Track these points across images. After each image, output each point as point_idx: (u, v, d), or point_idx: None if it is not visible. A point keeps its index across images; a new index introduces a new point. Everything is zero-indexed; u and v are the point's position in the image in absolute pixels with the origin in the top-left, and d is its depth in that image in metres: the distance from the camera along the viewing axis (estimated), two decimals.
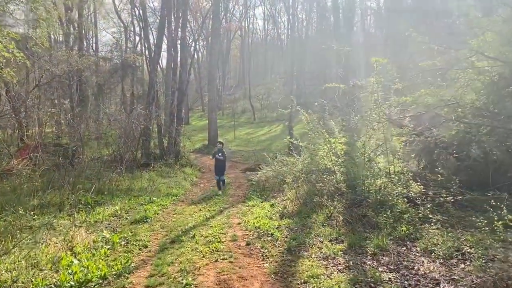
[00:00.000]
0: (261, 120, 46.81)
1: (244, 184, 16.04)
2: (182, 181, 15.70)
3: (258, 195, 12.74)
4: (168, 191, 13.26)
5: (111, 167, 14.61)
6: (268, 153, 25.80)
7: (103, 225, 8.83)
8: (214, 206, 11.28)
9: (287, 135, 35.36)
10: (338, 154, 9.16)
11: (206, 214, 9.95)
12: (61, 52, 20.59)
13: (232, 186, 15.57)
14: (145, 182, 14.18)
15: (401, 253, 5.88)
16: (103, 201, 10.94)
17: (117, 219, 9.37)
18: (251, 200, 11.80)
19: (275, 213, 9.60)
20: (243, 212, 10.09)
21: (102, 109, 19.83)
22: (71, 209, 9.75)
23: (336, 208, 8.05)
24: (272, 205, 10.62)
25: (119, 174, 13.80)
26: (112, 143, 17.82)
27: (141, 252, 6.93)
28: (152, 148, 20.16)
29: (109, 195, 11.68)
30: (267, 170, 13.80)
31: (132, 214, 9.80)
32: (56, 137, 20.58)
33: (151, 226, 8.76)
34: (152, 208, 10.40)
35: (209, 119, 29.64)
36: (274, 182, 13.25)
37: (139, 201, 11.26)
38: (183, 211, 10.53)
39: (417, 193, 7.49)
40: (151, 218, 9.39)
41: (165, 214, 10.10)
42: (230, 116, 48.77)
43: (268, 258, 6.22)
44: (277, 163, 13.72)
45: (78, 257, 6.46)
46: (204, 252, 6.59)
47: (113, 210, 9.92)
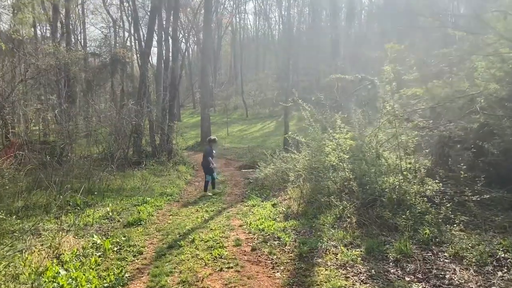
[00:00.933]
0: (253, 116, 46.26)
1: (241, 182, 15.41)
2: (176, 180, 15.01)
3: (257, 194, 12.11)
4: (162, 191, 12.57)
5: (101, 166, 13.87)
6: (263, 149, 25.32)
7: (94, 228, 8.13)
8: (212, 206, 10.62)
9: (281, 132, 34.92)
10: (345, 150, 8.53)
11: (204, 215, 9.29)
12: (47, 45, 19.70)
13: (229, 185, 14.92)
14: (138, 181, 13.48)
15: (427, 259, 5.28)
16: (93, 202, 10.22)
17: (109, 222, 8.67)
18: (250, 199, 11.17)
19: (278, 213, 8.99)
20: (243, 213, 9.45)
21: (91, 106, 18.99)
22: (59, 211, 9.03)
23: (347, 208, 7.45)
24: (274, 204, 10.01)
25: (110, 173, 13.07)
26: (102, 141, 17.05)
27: (136, 260, 6.25)
28: (144, 146, 19.42)
29: (100, 196, 10.98)
30: (266, 167, 13.14)
31: (124, 216, 9.11)
32: (43, 135, 19.73)
33: (146, 229, 8.09)
34: (146, 209, 9.71)
35: (202, 116, 28.93)
36: (274, 180, 12.63)
37: (131, 202, 10.56)
38: (179, 212, 9.86)
39: (435, 191, 6.90)
40: (145, 220, 8.71)
41: (160, 216, 9.42)
42: (222, 113, 48.12)
43: (279, 266, 5.58)
44: (277, 160, 13.07)
45: (66, 266, 5.78)
46: (206, 260, 5.94)
47: (104, 212, 9.21)
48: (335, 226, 7.18)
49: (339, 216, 7.54)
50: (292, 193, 10.34)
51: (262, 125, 40.81)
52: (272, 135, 33.16)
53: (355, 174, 8.27)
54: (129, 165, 15.82)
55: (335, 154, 8.53)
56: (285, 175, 12.30)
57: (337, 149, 8.53)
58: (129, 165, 15.82)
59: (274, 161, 13.19)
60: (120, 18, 45.39)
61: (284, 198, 10.54)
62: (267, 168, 13.42)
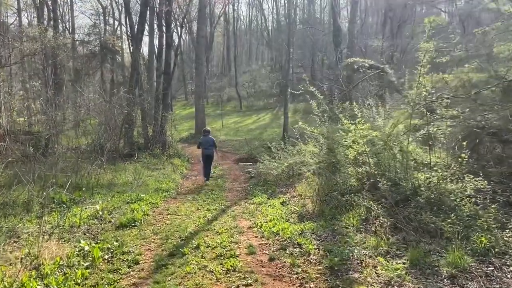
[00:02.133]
0: (248, 108, 45.15)
1: (241, 177, 14.40)
2: (172, 174, 13.95)
3: (262, 190, 11.11)
4: (157, 186, 11.51)
5: (90, 158, 12.74)
6: (261, 142, 24.34)
7: (81, 230, 7.07)
8: (213, 203, 9.60)
9: (277, 124, 33.92)
10: (369, 142, 7.54)
11: (207, 215, 8.26)
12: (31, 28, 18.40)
13: (228, 179, 13.91)
14: (130, 175, 12.39)
15: (490, 276, 4.33)
16: (81, 199, 9.11)
17: (98, 223, 7.60)
18: (255, 196, 10.17)
19: (290, 213, 8.00)
20: (250, 212, 8.44)
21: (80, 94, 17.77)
22: (41, 210, 7.95)
23: (373, 208, 6.47)
24: (283, 202, 9.01)
25: (100, 166, 11.97)
26: (91, 131, 15.90)
27: (131, 272, 5.21)
28: (136, 137, 18.30)
29: (88, 192, 9.88)
30: (270, 161, 12.12)
31: (116, 216, 8.04)
32: (28, 125, 18.49)
33: (141, 232, 7.04)
34: (140, 207, 8.65)
35: (196, 107, 27.81)
36: (279, 175, 11.63)
37: (124, 199, 9.47)
38: (177, 210, 8.82)
39: (477, 190, 5.94)
40: (140, 221, 7.66)
41: (157, 215, 8.37)
42: (215, 105, 46.94)
43: (308, 283, 4.58)
44: (282, 154, 12.05)
45: (46, 281, 4.74)
46: (217, 273, 4.92)
47: (93, 211, 8.14)
48: (361, 230, 6.21)
49: (365, 218, 6.57)
50: (303, 190, 9.37)
51: (257, 117, 39.70)
52: (268, 127, 32.13)
53: (380, 169, 7.30)
54: (120, 157, 14.73)
55: (357, 147, 7.53)
56: (291, 170, 11.33)
57: (360, 141, 7.53)
58: (120, 157, 14.73)
59: (279, 154, 12.15)
60: (110, 5, 43.76)
61: (293, 195, 9.56)
62: (265, 162, 12.41)
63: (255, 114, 41.70)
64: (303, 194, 9.18)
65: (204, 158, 13.11)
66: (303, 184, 9.58)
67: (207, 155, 13.00)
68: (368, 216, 6.53)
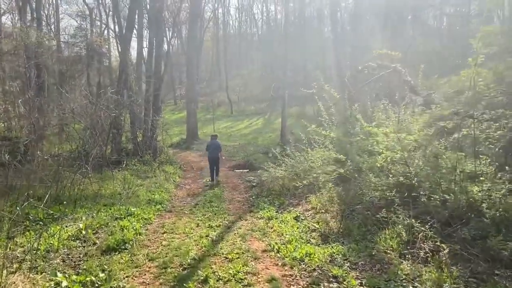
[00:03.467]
0: (239, 113, 44.06)
1: (240, 185, 13.18)
2: (165, 183, 12.67)
3: (267, 201, 9.90)
4: (149, 197, 10.25)
5: (74, 167, 11.41)
6: (256, 147, 23.17)
7: (59, 256, 5.80)
8: (215, 218, 8.37)
9: (270, 128, 32.78)
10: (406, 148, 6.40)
11: (210, 233, 7.03)
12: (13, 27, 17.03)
13: (226, 188, 12.69)
14: (118, 185, 11.11)
15: None
16: (61, 214, 7.82)
17: (81, 245, 6.33)
18: (262, 209, 8.97)
19: (309, 231, 6.82)
20: (261, 229, 7.23)
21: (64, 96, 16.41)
22: (13, 229, 6.68)
23: (417, 228, 5.32)
24: (297, 218, 7.82)
25: (85, 175, 10.65)
26: (75, 137, 14.54)
27: None
28: (124, 143, 16.98)
29: (71, 205, 8.59)
30: (275, 168, 10.93)
31: (103, 236, 6.78)
32: (7, 129, 17.04)
33: (133, 257, 5.79)
34: (131, 224, 7.39)
35: (188, 111, 26.50)
36: (285, 184, 10.46)
37: (112, 213, 8.18)
38: (174, 227, 7.57)
39: None
40: (131, 242, 6.40)
41: (151, 234, 7.12)
42: (205, 109, 45.74)
43: None
44: (288, 160, 10.89)
45: None
46: None
47: (75, 230, 6.85)
48: (406, 256, 5.05)
49: (407, 240, 5.41)
50: (318, 202, 8.20)
51: (248, 122, 38.59)
52: (262, 132, 30.96)
53: (418, 179, 6.16)
54: (107, 165, 13.38)
55: (388, 154, 6.39)
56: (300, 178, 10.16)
57: (393, 147, 6.40)
58: (107, 165, 13.38)
59: (286, 161, 10.98)
60: (97, 7, 42.32)
61: (306, 209, 8.37)
62: (270, 170, 11.24)
63: (246, 118, 40.64)
64: (318, 207, 8.01)
65: (209, 160, 13.87)
66: (319, 195, 8.39)
67: (212, 158, 13.69)
68: (410, 237, 5.38)
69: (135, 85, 18.98)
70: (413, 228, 5.41)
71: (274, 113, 41.51)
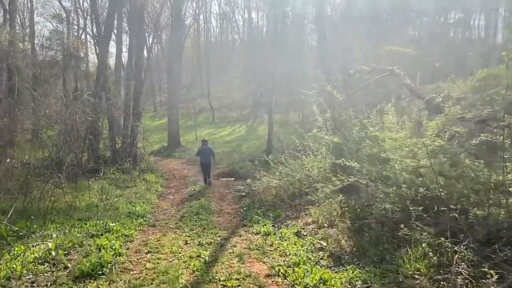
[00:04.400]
0: (221, 120, 43.23)
1: (228, 195, 12.29)
2: (146, 193, 11.66)
3: (260, 213, 9.02)
4: (129, 209, 9.24)
5: (46, 175, 10.31)
6: (240, 155, 22.29)
7: (22, 284, 4.82)
8: (204, 233, 7.45)
9: (254, 136, 31.94)
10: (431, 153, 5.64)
11: (202, 253, 6.10)
12: None
13: (213, 198, 11.77)
14: (95, 195, 10.09)
15: None
16: (29, 231, 6.80)
17: (50, 269, 5.33)
18: (256, 223, 8.10)
19: (315, 250, 5.97)
20: (259, 247, 6.35)
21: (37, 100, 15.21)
22: None
23: (449, 249, 4.55)
24: (298, 233, 6.97)
25: (57, 185, 9.59)
26: (49, 143, 13.40)
27: None
28: (102, 150, 15.89)
29: (40, 220, 7.55)
30: (271, 177, 10.09)
31: (76, 257, 5.79)
32: None
33: (112, 285, 4.85)
34: (109, 242, 6.40)
35: (169, 117, 25.49)
36: (280, 194, 9.61)
37: (87, 229, 7.18)
38: (159, 245, 6.62)
39: None
40: (110, 266, 5.43)
41: (133, 254, 6.15)
42: (186, 116, 44.68)
43: None
44: (283, 168, 10.06)
45: None
46: None
47: (43, 251, 5.84)
48: (440, 283, 4.25)
49: (437, 262, 4.62)
50: (319, 215, 7.39)
51: (231, 128, 37.76)
52: (246, 139, 30.15)
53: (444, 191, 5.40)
54: (83, 173, 12.31)
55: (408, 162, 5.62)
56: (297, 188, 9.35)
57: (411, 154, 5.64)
58: (83, 173, 12.31)
59: (280, 169, 10.15)
60: (74, 10, 40.84)
61: (306, 222, 7.55)
62: (264, 179, 10.41)
63: (229, 125, 39.87)
64: (321, 220, 7.19)
65: (202, 166, 14.15)
66: (321, 207, 7.56)
67: (205, 163, 13.97)
68: (441, 259, 4.60)
69: (114, 89, 17.91)
70: (443, 247, 4.64)
71: (257, 120, 40.79)
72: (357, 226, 6.16)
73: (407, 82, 10.62)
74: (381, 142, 7.10)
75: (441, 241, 4.66)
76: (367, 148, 7.07)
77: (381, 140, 7.07)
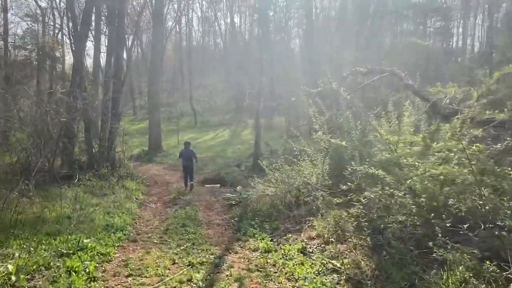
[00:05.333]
0: (203, 124, 42.21)
1: (215, 204, 11.34)
2: (126, 202, 10.56)
3: (255, 225, 8.08)
4: (107, 221, 8.16)
5: (12, 182, 9.16)
6: (225, 160, 21.32)
7: None
8: (194, 250, 6.48)
9: (239, 140, 30.94)
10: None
11: (193, 276, 5.13)
12: None
13: (199, 207, 10.80)
14: (68, 205, 8.97)
15: None
16: None
17: None
18: (251, 236, 7.17)
19: (329, 272, 5.08)
20: (260, 267, 5.42)
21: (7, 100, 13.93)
22: None
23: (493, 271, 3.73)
24: (303, 250, 6.05)
25: (24, 193, 8.48)
26: (17, 146, 12.20)
27: None
28: (78, 154, 14.70)
29: (1, 235, 6.46)
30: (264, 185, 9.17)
31: (41, 283, 4.76)
32: None
33: None
34: (81, 264, 5.37)
35: (151, 120, 24.34)
36: (276, 203, 8.70)
37: (56, 247, 6.11)
38: (143, 266, 5.61)
39: None
40: None
41: (111, 279, 5.13)
42: (167, 120, 43.41)
43: None
44: (279, 175, 9.15)
45: None
46: None
47: (2, 275, 4.79)
48: None
49: None
50: (324, 228, 6.51)
51: (214, 133, 36.77)
52: (230, 144, 29.23)
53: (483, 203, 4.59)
54: (55, 180, 11.18)
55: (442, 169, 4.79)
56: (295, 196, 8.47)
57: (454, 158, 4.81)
58: (55, 180, 11.18)
59: (276, 175, 9.23)
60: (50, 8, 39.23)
61: (310, 236, 6.65)
62: (259, 186, 9.49)
63: (211, 130, 38.89)
64: (327, 234, 6.31)
65: (183, 169, 14.00)
66: (325, 219, 6.68)
67: (186, 166, 13.79)
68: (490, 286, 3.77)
69: (91, 88, 16.75)
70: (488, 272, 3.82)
71: (241, 124, 39.95)
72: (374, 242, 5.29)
73: (410, 83, 9.87)
74: (393, 146, 6.29)
75: (489, 265, 3.83)
76: (380, 153, 6.22)
77: (394, 144, 6.25)
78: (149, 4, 41.82)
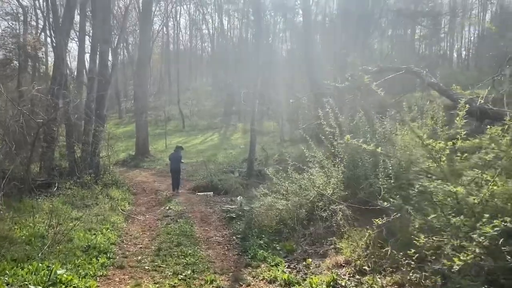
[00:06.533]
0: (191, 128, 40.98)
1: (211, 215, 10.11)
2: (111, 214, 9.29)
3: (263, 245, 6.89)
4: (88, 241, 6.89)
5: None
6: (217, 165, 20.05)
7: None
8: (195, 279, 5.28)
9: (229, 144, 29.72)
10: None
11: None
12: None
13: (193, 219, 9.57)
14: (43, 220, 7.67)
15: None
16: None
17: None
18: (261, 260, 5.99)
19: None
20: None
21: None
22: None
23: None
24: (335, 283, 4.87)
25: None
26: None
27: None
28: (58, 160, 13.34)
29: None
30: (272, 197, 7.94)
31: None
32: None
33: None
34: None
35: (137, 123, 22.99)
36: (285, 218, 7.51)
37: (24, 279, 4.85)
38: None
39: None
40: None
41: None
42: (154, 124, 42.03)
43: None
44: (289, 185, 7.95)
45: None
46: None
47: None
48: None
49: None
50: (352, 251, 5.36)
51: (203, 137, 35.54)
52: (220, 148, 27.99)
53: None
54: (31, 190, 9.84)
55: None
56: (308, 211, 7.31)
57: None
58: (31, 190, 9.84)
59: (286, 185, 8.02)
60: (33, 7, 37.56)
61: (337, 262, 5.47)
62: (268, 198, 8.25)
63: (200, 134, 37.67)
64: (359, 261, 5.16)
65: (171, 172, 13.95)
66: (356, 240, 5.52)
67: (173, 169, 13.75)
68: None
69: (74, 88, 15.39)
70: None
71: (230, 128, 38.85)
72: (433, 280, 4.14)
73: (434, 81, 8.84)
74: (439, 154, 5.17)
75: None
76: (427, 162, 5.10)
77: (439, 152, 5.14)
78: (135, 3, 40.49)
